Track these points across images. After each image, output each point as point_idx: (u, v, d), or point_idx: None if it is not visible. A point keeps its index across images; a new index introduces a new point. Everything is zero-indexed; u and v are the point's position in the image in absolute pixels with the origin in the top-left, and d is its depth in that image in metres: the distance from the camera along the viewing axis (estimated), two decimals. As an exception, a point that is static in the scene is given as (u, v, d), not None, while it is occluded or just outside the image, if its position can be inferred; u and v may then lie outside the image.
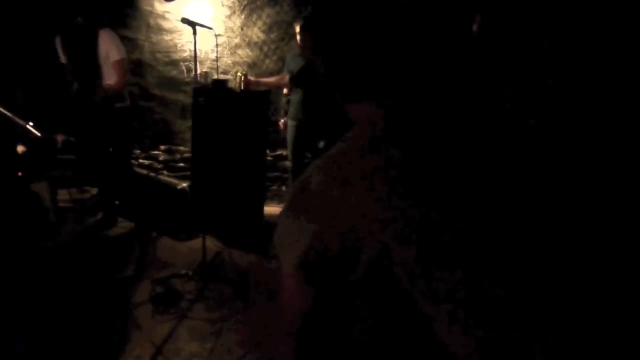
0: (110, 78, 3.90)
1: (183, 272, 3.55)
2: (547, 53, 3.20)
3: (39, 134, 1.43)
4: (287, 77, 4.47)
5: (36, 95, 4.12)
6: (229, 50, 5.18)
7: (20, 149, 1.53)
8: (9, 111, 1.48)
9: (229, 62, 5.21)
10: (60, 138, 3.89)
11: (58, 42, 3.87)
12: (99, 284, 3.36)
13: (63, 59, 3.88)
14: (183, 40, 5.12)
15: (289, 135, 4.81)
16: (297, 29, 4.50)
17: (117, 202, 4.64)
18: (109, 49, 3.87)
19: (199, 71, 4.56)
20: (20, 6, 4.14)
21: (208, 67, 5.14)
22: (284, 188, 5.46)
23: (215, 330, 2.89)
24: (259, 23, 5.10)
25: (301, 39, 4.36)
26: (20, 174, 3.19)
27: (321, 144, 4.52)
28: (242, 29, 5.13)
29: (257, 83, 4.55)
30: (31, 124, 1.44)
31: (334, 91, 1.01)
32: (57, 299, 3.10)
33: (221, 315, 3.05)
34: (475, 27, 4.16)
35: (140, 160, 5.41)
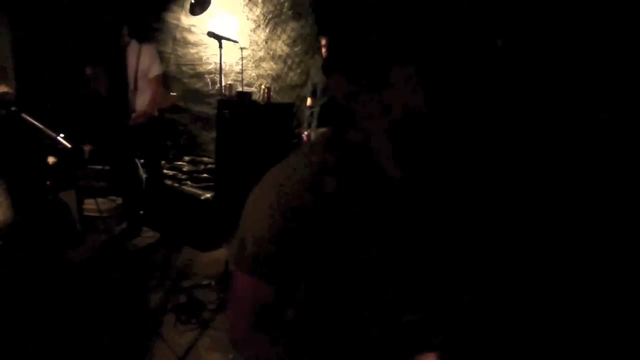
0: (145, 92, 3.96)
1: (206, 282, 3.57)
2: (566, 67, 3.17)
3: (69, 146, 1.47)
4: None
5: (64, 105, 4.21)
6: (254, 63, 5.24)
7: (50, 159, 1.58)
8: (40, 123, 1.52)
9: (254, 74, 5.26)
10: (87, 148, 3.96)
11: (89, 70, 3.92)
12: (123, 292, 3.40)
13: (89, 71, 3.93)
14: (208, 53, 5.20)
15: (312, 147, 4.83)
16: (324, 42, 4.53)
17: (141, 212, 4.70)
18: (151, 65, 3.93)
19: (223, 83, 4.62)
20: (51, 17, 4.24)
21: (232, 80, 5.20)
22: (306, 200, 5.47)
23: (236, 341, 2.90)
24: (284, 36, 5.15)
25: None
26: (48, 183, 3.26)
27: None
28: (266, 42, 5.18)
29: None
30: (62, 135, 1.48)
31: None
32: (81, 307, 3.14)
33: (243, 326, 3.05)
34: (499, 42, 4.12)
35: (165, 171, 5.48)
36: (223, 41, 3.66)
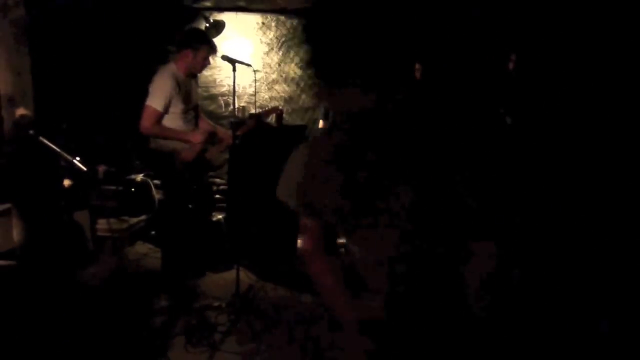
0: (201, 118, 4.02)
1: (216, 303, 3.56)
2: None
3: (84, 169, 1.49)
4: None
5: (79, 126, 4.26)
6: (267, 85, 5.29)
7: (66, 182, 1.59)
8: (57, 145, 1.55)
9: (266, 97, 5.31)
10: (101, 169, 4.00)
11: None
12: (133, 313, 3.40)
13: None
14: (222, 76, 5.26)
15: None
16: None
17: (153, 232, 4.72)
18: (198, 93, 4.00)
19: (236, 106, 4.66)
20: (70, 40, 4.33)
21: (245, 102, 5.25)
22: (317, 221, 5.46)
23: (247, 364, 2.89)
24: (296, 59, 5.20)
25: None
26: (63, 204, 3.29)
27: None
28: (279, 65, 5.24)
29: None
30: (78, 158, 1.50)
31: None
32: (91, 328, 3.15)
33: (253, 349, 3.04)
34: (511, 65, 4.17)
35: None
36: (237, 64, 3.70)
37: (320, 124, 4.91)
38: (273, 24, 5.17)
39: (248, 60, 4.64)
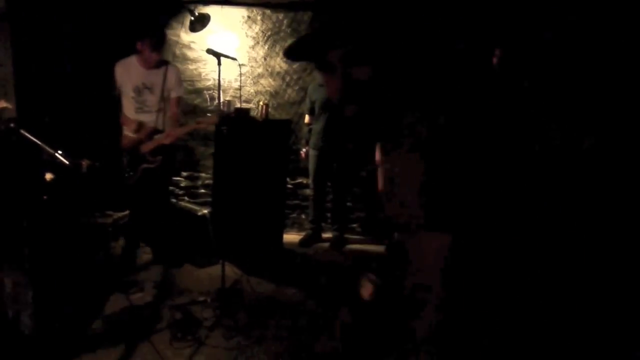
0: (167, 112, 3.96)
1: (202, 298, 3.56)
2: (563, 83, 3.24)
3: (67, 162, 1.47)
4: None
5: (62, 120, 4.21)
6: (252, 79, 5.27)
7: (48, 176, 1.58)
8: (38, 139, 1.53)
9: (252, 91, 5.29)
10: (85, 163, 3.95)
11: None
12: (119, 309, 3.38)
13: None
14: (207, 70, 5.23)
15: (311, 164, 4.85)
16: None
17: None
18: (177, 85, 3.92)
19: (222, 100, 4.64)
20: (53, 33, 4.27)
21: (231, 96, 5.23)
22: (303, 216, 5.47)
23: (232, 358, 2.88)
24: (282, 53, 5.19)
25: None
26: (45, 198, 3.25)
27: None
28: (265, 59, 5.22)
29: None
30: (60, 152, 1.48)
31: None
32: (76, 323, 3.13)
33: (238, 343, 3.04)
34: (495, 60, 4.22)
35: (162, 186, 5.49)
36: (222, 58, 3.68)
37: (306, 118, 4.91)
38: (259, 17, 5.14)
39: (233, 54, 4.62)
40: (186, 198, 5.46)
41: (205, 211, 4.45)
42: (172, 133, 3.88)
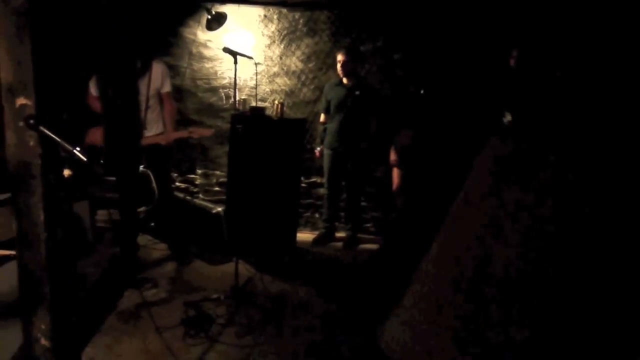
0: (155, 109, 3.99)
1: (215, 296, 3.58)
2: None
3: (84, 159, 1.49)
4: None
5: (79, 118, 4.25)
6: (268, 78, 5.28)
7: (66, 172, 1.59)
8: (57, 135, 1.55)
9: (267, 90, 5.31)
10: (102, 160, 4.00)
11: (96, 79, 3.94)
12: (131, 305, 3.41)
13: (96, 93, 3.94)
14: (223, 68, 5.25)
15: (325, 163, 4.85)
16: (339, 57, 4.56)
17: (152, 224, 4.73)
18: (164, 81, 3.96)
19: (237, 98, 4.66)
20: (72, 31, 4.31)
21: (246, 95, 5.25)
22: (317, 215, 5.47)
23: (244, 356, 2.90)
24: (298, 53, 5.19)
25: (343, 67, 4.57)
26: (63, 194, 3.28)
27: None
28: (281, 58, 5.23)
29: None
30: (78, 149, 1.50)
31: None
32: (89, 318, 3.16)
33: (251, 341, 3.05)
34: (512, 61, 4.23)
35: (177, 184, 5.52)
36: (238, 57, 3.70)
37: (322, 117, 4.90)
38: (275, 16, 5.15)
39: (249, 52, 4.64)
40: (201, 195, 5.50)
41: (220, 209, 4.47)
42: (169, 137, 3.95)
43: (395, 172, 4.70)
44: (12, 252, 2.23)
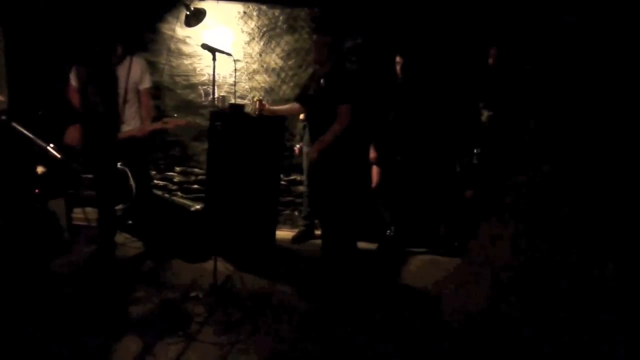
0: (133, 104, 3.94)
1: (193, 294, 3.55)
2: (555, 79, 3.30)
3: (59, 156, 1.46)
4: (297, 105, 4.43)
5: (54, 114, 4.18)
6: (247, 75, 5.26)
7: (40, 169, 1.57)
8: (30, 132, 1.52)
9: (247, 87, 5.28)
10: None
11: (75, 70, 3.86)
12: (107, 303, 3.37)
13: (76, 84, 3.86)
14: (202, 65, 5.22)
15: (305, 161, 4.85)
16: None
17: (130, 222, 4.68)
18: (143, 77, 3.91)
19: (216, 95, 4.63)
20: (45, 26, 4.24)
21: (226, 92, 5.22)
22: (296, 213, 5.47)
23: (223, 354, 2.88)
24: (277, 50, 5.18)
25: (315, 47, 4.16)
26: (37, 191, 3.23)
27: None
28: (260, 55, 5.21)
29: (271, 111, 4.48)
30: (52, 145, 1.47)
31: None
32: (63, 317, 3.11)
33: (230, 339, 3.04)
34: (491, 60, 4.29)
35: (156, 181, 5.46)
36: (217, 53, 3.67)
37: (301, 115, 4.88)
38: (255, 13, 5.13)
39: (229, 49, 4.60)
40: (179, 193, 5.45)
41: (198, 206, 4.45)
42: (144, 128, 3.90)
43: (375, 170, 4.72)
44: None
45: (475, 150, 4.42)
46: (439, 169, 4.76)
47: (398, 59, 4.56)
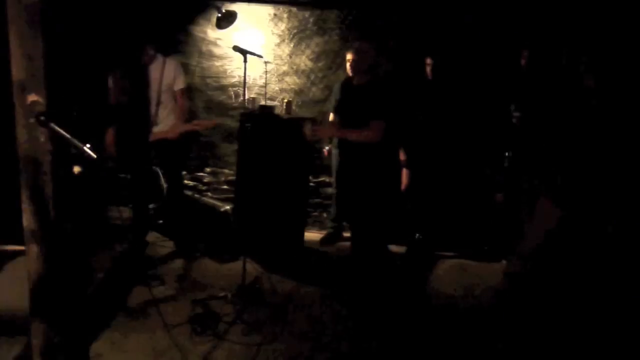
0: (167, 106, 3.99)
1: (222, 294, 3.58)
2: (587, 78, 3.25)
3: (94, 156, 1.49)
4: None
5: (90, 115, 4.26)
6: (277, 77, 5.28)
7: (76, 169, 1.60)
8: (67, 132, 1.56)
9: (276, 88, 5.31)
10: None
11: (113, 76, 3.93)
12: (138, 301, 3.42)
13: (114, 88, 3.93)
14: (233, 67, 5.26)
15: (333, 162, 4.84)
16: (349, 56, 4.43)
17: (160, 221, 4.75)
18: (177, 78, 3.97)
19: (247, 97, 4.66)
20: (83, 28, 4.32)
21: (256, 93, 5.25)
22: (325, 215, 5.47)
23: (251, 354, 2.90)
24: (307, 52, 5.19)
25: (352, 65, 4.18)
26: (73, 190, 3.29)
27: None
28: (290, 56, 5.23)
29: (332, 133, 4.36)
30: (88, 145, 1.51)
31: None
32: (97, 315, 3.17)
33: (258, 339, 3.06)
34: (523, 61, 4.22)
35: (186, 182, 5.53)
36: (248, 55, 3.70)
37: (330, 117, 4.87)
38: (285, 15, 5.15)
39: (259, 51, 4.63)
40: (209, 194, 5.50)
41: (228, 207, 4.48)
42: (176, 129, 3.94)
43: (404, 172, 4.69)
44: (22, 247, 2.24)
45: (506, 153, 4.35)
46: (468, 172, 4.70)
47: (428, 60, 4.52)
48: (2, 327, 2.51)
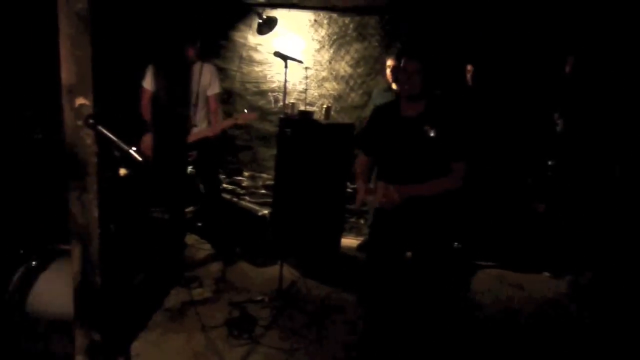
0: (203, 108, 4.05)
1: (259, 297, 3.59)
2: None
3: (140, 159, 1.52)
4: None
5: (133, 117, 4.36)
6: (316, 82, 5.29)
7: (122, 171, 1.64)
8: (114, 135, 1.59)
9: (316, 94, 5.32)
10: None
11: (151, 70, 4.00)
12: (179, 302, 3.46)
13: (151, 86, 3.99)
14: (272, 72, 5.30)
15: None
16: (389, 62, 4.44)
17: (199, 224, 4.81)
18: (212, 83, 4.03)
19: (286, 102, 4.68)
20: (127, 32, 4.43)
21: (295, 99, 5.27)
22: (362, 221, 5.44)
23: (287, 359, 2.90)
24: (347, 57, 5.19)
25: (393, 72, 4.25)
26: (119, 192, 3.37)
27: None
28: (330, 62, 5.24)
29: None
30: (134, 148, 1.53)
31: None
32: (137, 313, 3.22)
33: (294, 344, 3.05)
34: (567, 68, 4.12)
35: (224, 185, 5.59)
36: (288, 61, 3.72)
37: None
38: (325, 21, 5.17)
39: (299, 57, 4.66)
40: (247, 198, 5.55)
41: (266, 212, 4.51)
42: (215, 127, 4.00)
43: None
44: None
45: (549, 162, 4.24)
46: (509, 181, 4.60)
47: (469, 67, 4.45)
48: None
